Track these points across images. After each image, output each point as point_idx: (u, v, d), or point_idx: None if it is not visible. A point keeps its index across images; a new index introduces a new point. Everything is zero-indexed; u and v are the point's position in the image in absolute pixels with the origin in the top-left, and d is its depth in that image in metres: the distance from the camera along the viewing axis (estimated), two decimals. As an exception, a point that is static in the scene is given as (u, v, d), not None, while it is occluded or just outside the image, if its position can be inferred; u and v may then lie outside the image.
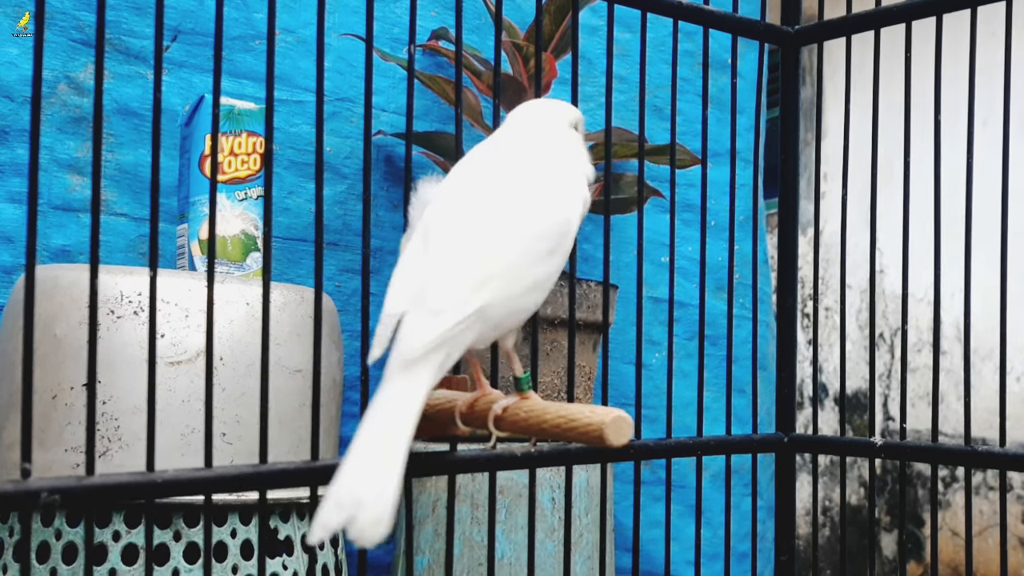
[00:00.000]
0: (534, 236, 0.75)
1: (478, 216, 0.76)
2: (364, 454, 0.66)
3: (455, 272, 0.72)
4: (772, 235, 2.52)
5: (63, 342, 1.06)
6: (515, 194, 0.77)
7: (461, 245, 0.74)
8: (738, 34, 1.18)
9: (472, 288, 0.72)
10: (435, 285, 0.72)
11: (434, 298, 0.71)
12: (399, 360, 0.70)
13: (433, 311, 0.71)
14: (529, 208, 0.76)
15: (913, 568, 3.00)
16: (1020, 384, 2.74)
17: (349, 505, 0.65)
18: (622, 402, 1.65)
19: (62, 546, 1.07)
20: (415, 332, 0.70)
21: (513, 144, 0.82)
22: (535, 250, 0.75)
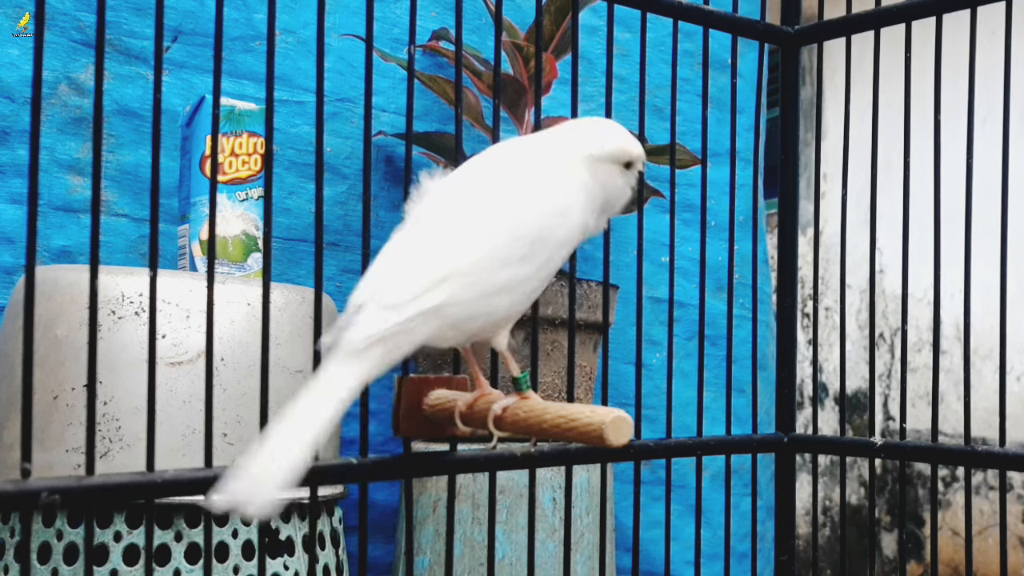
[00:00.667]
0: (501, 237, 0.74)
1: (452, 213, 0.76)
2: (277, 432, 0.66)
3: (414, 268, 0.72)
4: (772, 235, 2.52)
5: (63, 343, 1.06)
6: (494, 195, 0.77)
7: (427, 241, 0.74)
8: (738, 34, 1.18)
9: (427, 285, 0.71)
10: (392, 279, 0.72)
11: (388, 292, 0.71)
12: (343, 348, 0.70)
13: (384, 305, 0.71)
14: (501, 209, 0.76)
15: (913, 568, 3.01)
16: (1020, 384, 2.75)
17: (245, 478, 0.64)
18: (622, 402, 1.65)
19: (63, 546, 1.07)
20: (362, 324, 0.70)
21: (522, 148, 0.82)
22: (502, 252, 0.74)
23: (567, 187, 0.79)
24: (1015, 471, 1.60)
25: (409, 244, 0.75)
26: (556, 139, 0.82)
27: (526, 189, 0.78)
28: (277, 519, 1.14)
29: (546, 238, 0.76)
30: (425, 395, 0.86)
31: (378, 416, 1.51)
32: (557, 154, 0.81)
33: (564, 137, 0.82)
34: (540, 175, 0.79)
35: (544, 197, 0.77)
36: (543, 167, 0.80)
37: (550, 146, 0.81)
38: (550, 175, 0.79)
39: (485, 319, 0.75)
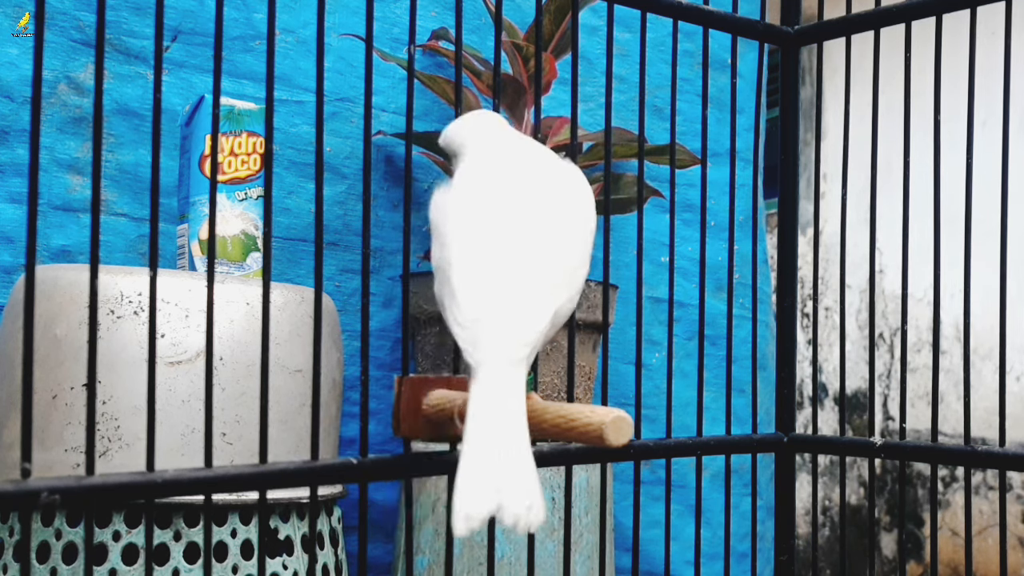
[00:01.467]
0: (583, 241, 0.79)
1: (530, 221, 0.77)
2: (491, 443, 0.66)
3: (531, 277, 0.74)
4: (772, 235, 2.52)
5: (63, 342, 1.06)
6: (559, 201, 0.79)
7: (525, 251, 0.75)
8: (738, 34, 1.18)
9: (548, 292, 0.74)
10: (519, 291, 0.73)
11: (522, 303, 0.72)
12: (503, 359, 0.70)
13: (524, 314, 0.72)
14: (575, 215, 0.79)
15: (913, 568, 3.01)
16: (1020, 384, 2.75)
17: (494, 493, 0.63)
18: (622, 402, 1.65)
19: (62, 546, 1.07)
20: (514, 333, 0.71)
21: (532, 150, 0.84)
22: (585, 254, 0.79)
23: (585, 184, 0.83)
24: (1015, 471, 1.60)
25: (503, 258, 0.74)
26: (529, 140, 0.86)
27: (574, 193, 0.81)
28: (276, 518, 1.15)
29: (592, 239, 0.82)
30: (425, 395, 0.86)
31: (378, 416, 1.51)
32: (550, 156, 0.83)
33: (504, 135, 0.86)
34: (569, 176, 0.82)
35: (591, 202, 0.82)
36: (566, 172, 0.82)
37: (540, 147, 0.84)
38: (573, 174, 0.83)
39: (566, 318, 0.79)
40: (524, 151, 0.83)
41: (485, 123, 0.87)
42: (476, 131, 0.86)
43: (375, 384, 1.50)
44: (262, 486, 0.82)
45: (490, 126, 0.86)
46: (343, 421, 1.37)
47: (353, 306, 1.50)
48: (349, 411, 1.41)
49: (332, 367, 1.19)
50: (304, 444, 1.12)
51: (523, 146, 0.84)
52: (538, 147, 0.84)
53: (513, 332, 0.71)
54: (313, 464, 0.83)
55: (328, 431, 1.20)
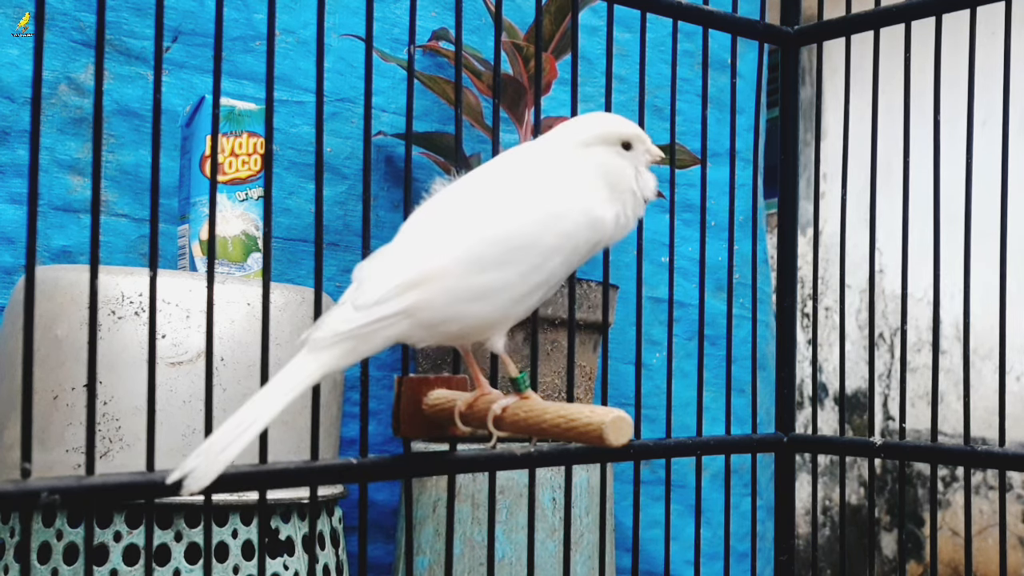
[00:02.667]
0: (477, 243, 0.74)
1: (437, 219, 0.76)
2: (238, 414, 0.70)
3: (389, 269, 0.73)
4: (772, 235, 2.52)
5: (64, 343, 1.06)
6: (480, 201, 0.76)
7: (407, 244, 0.75)
8: (738, 34, 1.18)
9: (399, 287, 0.72)
10: (369, 281, 0.73)
11: (363, 293, 0.73)
12: (312, 342, 0.72)
13: (356, 306, 0.72)
14: (482, 215, 0.75)
15: (913, 568, 3.01)
16: (1019, 384, 2.75)
17: (200, 455, 0.68)
18: (622, 402, 1.65)
19: (63, 546, 1.07)
20: (332, 321, 0.72)
21: (523, 154, 0.81)
22: (477, 257, 0.74)
23: (562, 190, 0.78)
24: (1015, 471, 1.61)
25: (393, 247, 0.76)
26: (550, 138, 0.82)
27: (515, 194, 0.77)
28: (277, 519, 1.15)
29: (529, 244, 0.75)
30: (425, 395, 0.86)
31: (378, 416, 1.51)
32: (550, 153, 0.80)
33: (557, 134, 0.82)
34: (534, 178, 0.78)
35: (531, 202, 0.76)
36: (537, 169, 0.79)
37: (545, 147, 0.81)
38: (544, 178, 0.78)
39: (462, 324, 0.75)
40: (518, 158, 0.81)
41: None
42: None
43: (375, 384, 1.50)
44: (262, 486, 0.82)
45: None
46: (343, 421, 1.37)
47: (353, 306, 1.50)
48: (349, 411, 1.41)
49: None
50: (304, 444, 1.12)
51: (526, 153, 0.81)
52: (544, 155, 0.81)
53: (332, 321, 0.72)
54: (313, 464, 0.83)
55: (328, 431, 1.20)
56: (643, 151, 0.83)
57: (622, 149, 0.81)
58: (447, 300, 0.73)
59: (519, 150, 0.82)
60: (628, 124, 0.82)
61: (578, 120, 0.83)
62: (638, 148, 0.82)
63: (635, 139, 0.82)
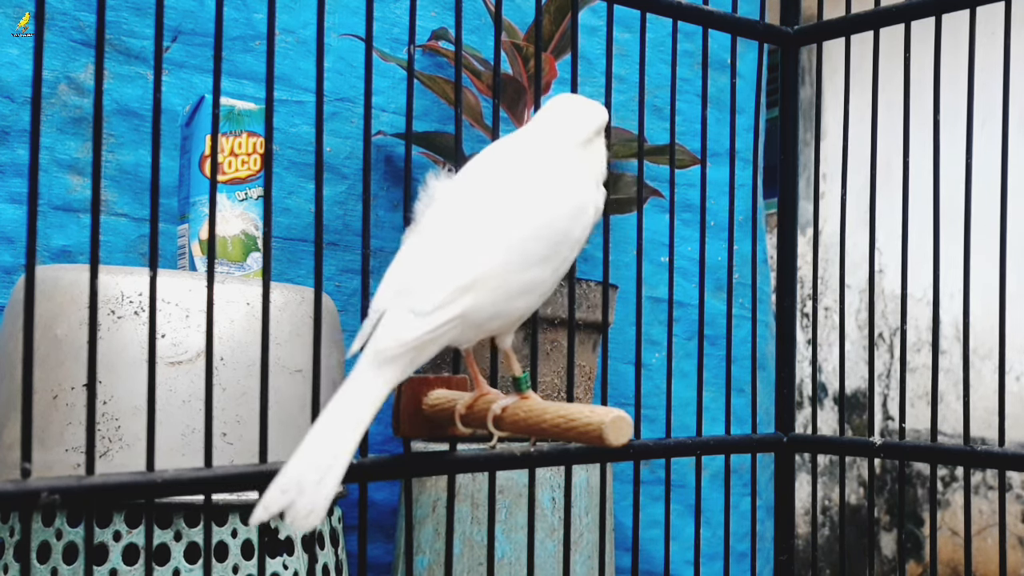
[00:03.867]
0: (523, 240, 0.75)
1: (471, 217, 0.76)
2: (317, 442, 0.68)
3: (441, 273, 0.73)
4: (771, 235, 2.52)
5: (63, 342, 1.06)
6: (511, 197, 0.77)
7: (450, 245, 0.74)
8: (737, 34, 1.18)
9: (456, 291, 0.72)
10: (420, 285, 0.72)
11: (417, 298, 0.72)
12: (373, 355, 0.71)
13: (415, 311, 0.71)
14: (521, 212, 0.76)
15: (912, 568, 3.01)
16: (1019, 384, 2.75)
17: (291, 491, 0.66)
18: (622, 402, 1.65)
19: (63, 546, 1.07)
20: (394, 330, 0.71)
21: (526, 145, 0.81)
22: (524, 255, 0.74)
23: (580, 184, 0.79)
24: (1014, 471, 1.61)
25: (431, 248, 0.75)
26: (548, 129, 0.81)
27: (542, 189, 0.78)
28: (276, 518, 1.14)
29: (563, 238, 0.77)
30: (425, 395, 0.86)
31: (378, 416, 1.51)
32: (558, 146, 0.80)
33: (554, 125, 0.82)
34: (551, 173, 0.79)
35: (561, 197, 0.78)
36: (552, 164, 0.79)
37: (547, 138, 0.81)
38: (561, 172, 0.79)
39: (504, 320, 0.76)
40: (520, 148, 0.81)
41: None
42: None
43: (375, 384, 1.50)
44: (262, 486, 0.81)
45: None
46: (343, 421, 1.37)
47: (353, 306, 1.50)
48: (349, 411, 1.41)
49: (332, 367, 1.19)
50: (304, 444, 1.12)
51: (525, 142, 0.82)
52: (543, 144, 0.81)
53: (394, 330, 0.71)
54: (313, 464, 0.83)
55: (328, 431, 1.20)
56: (605, 136, 0.86)
57: (603, 136, 0.84)
58: (497, 298, 0.74)
59: (515, 142, 0.82)
60: (602, 108, 0.84)
61: (569, 110, 0.83)
62: (602, 134, 0.85)
63: (605, 125, 0.85)
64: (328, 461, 0.67)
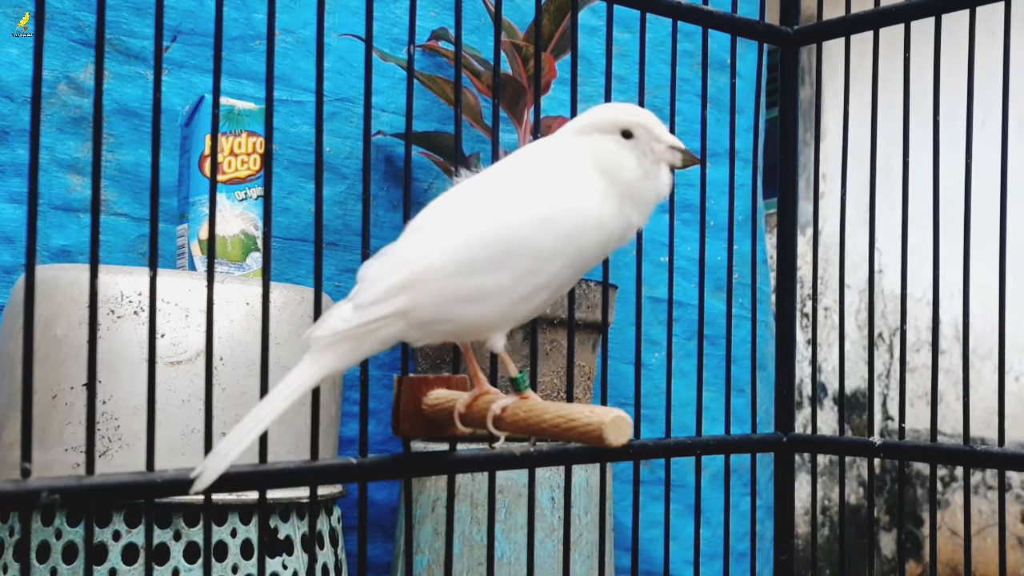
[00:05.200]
0: (463, 245, 0.73)
1: (436, 219, 0.76)
2: (246, 418, 0.71)
3: (386, 270, 0.74)
4: (771, 235, 2.52)
5: (63, 342, 1.06)
6: (476, 201, 0.75)
7: (406, 244, 0.75)
8: (737, 34, 1.18)
9: (392, 288, 0.73)
10: (369, 280, 0.74)
11: (361, 293, 0.74)
12: (313, 342, 0.73)
13: (356, 304, 0.73)
14: (476, 218, 0.74)
15: (912, 567, 3.01)
16: (1019, 384, 2.75)
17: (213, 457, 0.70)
18: (621, 402, 1.65)
19: (62, 546, 1.07)
20: (331, 320, 0.73)
21: (527, 156, 0.79)
22: (466, 261, 0.73)
23: (558, 189, 0.75)
24: (1014, 471, 1.61)
25: (394, 246, 0.76)
26: (558, 134, 0.80)
27: (508, 195, 0.75)
28: (276, 518, 1.15)
29: (521, 247, 0.73)
30: (424, 395, 0.86)
31: (378, 416, 1.51)
32: (547, 150, 0.78)
33: (564, 129, 0.80)
34: (529, 178, 0.76)
35: (523, 203, 0.74)
36: (533, 168, 0.77)
37: (545, 144, 0.79)
38: (539, 177, 0.76)
39: (456, 324, 0.75)
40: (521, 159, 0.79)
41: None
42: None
43: (375, 384, 1.50)
44: (262, 486, 0.82)
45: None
46: (343, 421, 1.37)
47: (353, 306, 1.50)
48: (349, 411, 1.41)
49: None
50: (304, 444, 1.12)
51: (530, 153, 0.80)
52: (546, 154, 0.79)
53: (331, 320, 0.73)
54: (313, 464, 0.83)
55: (328, 431, 1.20)
56: (650, 140, 0.77)
57: (621, 138, 0.77)
58: (438, 301, 0.73)
59: (526, 149, 0.80)
60: (629, 111, 0.77)
61: (588, 112, 0.79)
62: (642, 137, 0.77)
63: (636, 127, 0.76)
64: (241, 434, 0.70)
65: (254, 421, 0.70)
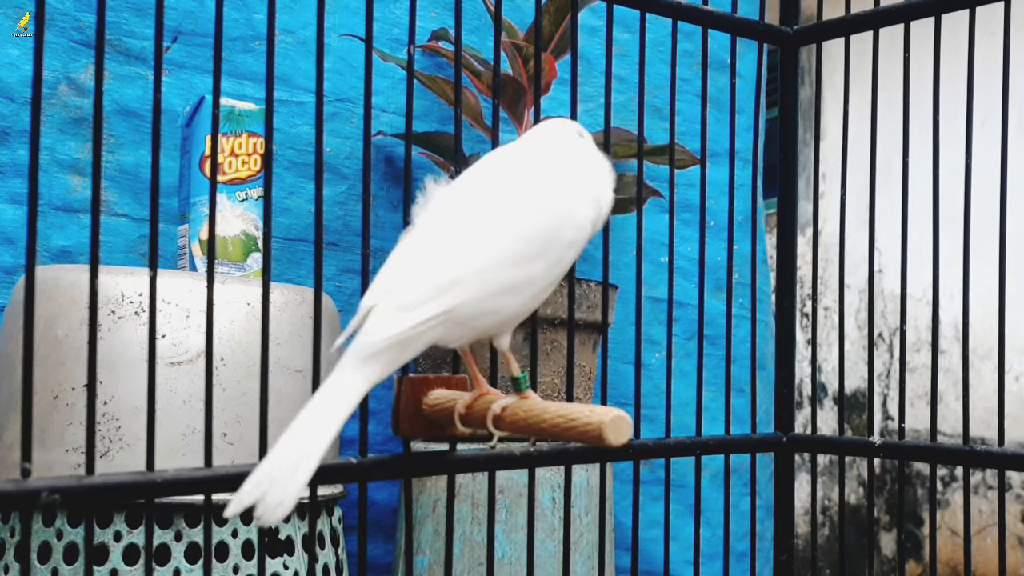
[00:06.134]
0: (511, 239, 0.75)
1: (461, 216, 0.76)
2: (293, 437, 0.68)
3: (426, 270, 0.73)
4: (771, 235, 2.52)
5: (64, 342, 1.06)
6: (502, 198, 0.78)
7: (437, 243, 0.75)
8: (737, 34, 1.18)
9: (440, 288, 0.73)
10: (405, 282, 0.73)
11: (402, 294, 0.73)
12: (357, 350, 0.72)
13: (399, 307, 0.72)
14: (509, 211, 0.77)
15: (912, 567, 3.01)
16: (1019, 383, 2.75)
17: (264, 484, 0.66)
18: (621, 402, 1.65)
19: (63, 546, 1.07)
20: (379, 325, 0.72)
21: (522, 150, 0.83)
22: (510, 253, 0.75)
23: (571, 187, 0.80)
24: (1014, 471, 1.61)
25: (419, 247, 0.76)
26: (539, 138, 0.84)
27: (533, 190, 0.79)
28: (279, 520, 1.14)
29: (553, 238, 0.77)
30: (425, 395, 0.86)
31: (378, 416, 1.51)
32: (549, 150, 0.83)
33: (543, 135, 0.85)
34: (544, 174, 0.80)
35: (550, 197, 0.79)
36: (544, 165, 0.81)
37: (539, 145, 0.83)
38: (553, 173, 0.81)
39: (492, 318, 0.76)
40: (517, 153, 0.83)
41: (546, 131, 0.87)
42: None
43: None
44: (262, 486, 0.82)
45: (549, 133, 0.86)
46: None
47: (353, 306, 1.50)
48: (349, 411, 1.41)
49: (332, 367, 1.20)
50: (304, 444, 1.12)
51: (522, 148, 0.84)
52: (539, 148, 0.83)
53: (379, 325, 0.71)
54: (313, 464, 0.83)
55: (328, 431, 1.20)
56: (590, 139, 0.87)
57: (580, 138, 0.86)
58: (486, 294, 0.74)
59: (510, 149, 0.84)
60: (570, 122, 0.88)
61: (551, 122, 0.87)
62: (588, 136, 0.87)
63: (583, 131, 0.87)
64: (302, 455, 0.67)
65: (306, 447, 0.67)
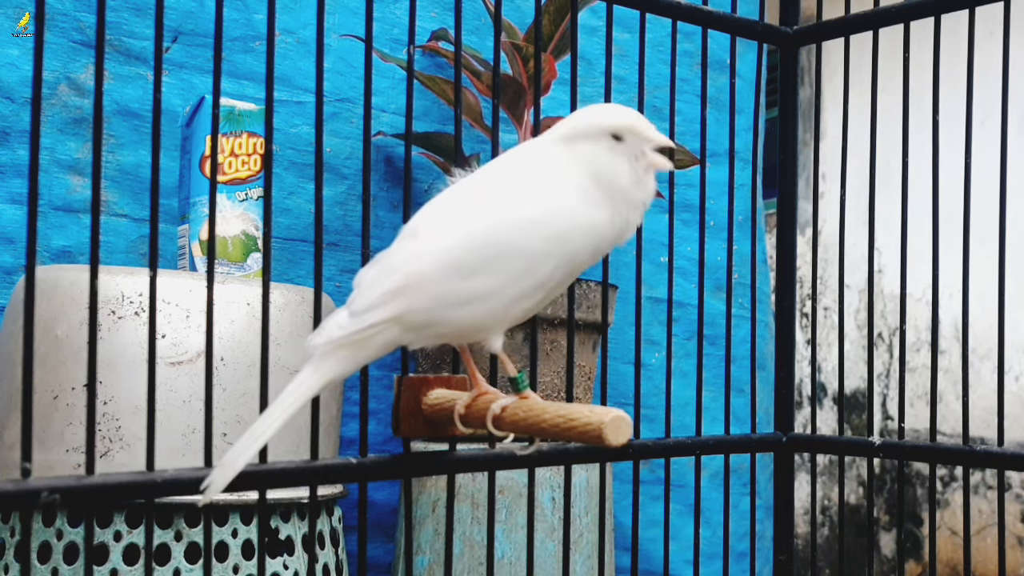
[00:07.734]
0: (452, 248, 0.73)
1: (426, 223, 0.76)
2: (252, 426, 0.72)
3: (379, 276, 0.74)
4: (771, 235, 2.52)
5: (64, 342, 1.06)
6: (461, 205, 0.76)
7: (398, 250, 0.75)
8: (737, 34, 1.18)
9: (386, 294, 0.73)
10: (364, 285, 0.74)
11: (356, 298, 0.74)
12: (310, 349, 0.74)
13: (351, 311, 0.73)
14: (463, 220, 0.74)
15: (912, 567, 3.01)
16: (1018, 383, 2.75)
17: (220, 467, 0.71)
18: (621, 402, 1.65)
19: (63, 546, 1.07)
20: (328, 328, 0.74)
21: (522, 150, 0.79)
22: (457, 264, 0.73)
23: (546, 192, 0.75)
24: (1013, 470, 1.61)
25: (385, 254, 0.76)
26: (547, 135, 0.79)
27: (496, 198, 0.75)
28: (277, 518, 1.15)
29: (511, 250, 0.73)
30: (424, 395, 0.86)
31: (378, 416, 1.51)
32: (536, 153, 0.78)
33: (553, 131, 0.79)
34: (517, 181, 0.76)
35: (511, 206, 0.75)
36: (522, 171, 0.77)
37: (534, 146, 0.79)
38: (528, 180, 0.76)
39: (451, 327, 0.75)
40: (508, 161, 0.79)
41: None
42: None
43: (375, 384, 1.50)
44: (262, 486, 0.82)
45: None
46: (343, 421, 1.37)
47: (353, 306, 1.50)
48: (349, 411, 1.41)
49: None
50: (304, 444, 1.12)
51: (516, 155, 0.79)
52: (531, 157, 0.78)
53: (328, 328, 0.74)
54: (313, 464, 0.83)
55: (328, 431, 1.20)
56: (639, 143, 0.76)
57: (613, 142, 0.76)
58: (431, 305, 0.73)
59: (515, 150, 0.81)
60: (617, 114, 0.76)
61: (574, 113, 0.79)
62: (631, 140, 0.76)
63: (626, 130, 0.76)
64: (247, 443, 0.71)
65: (259, 431, 0.71)
